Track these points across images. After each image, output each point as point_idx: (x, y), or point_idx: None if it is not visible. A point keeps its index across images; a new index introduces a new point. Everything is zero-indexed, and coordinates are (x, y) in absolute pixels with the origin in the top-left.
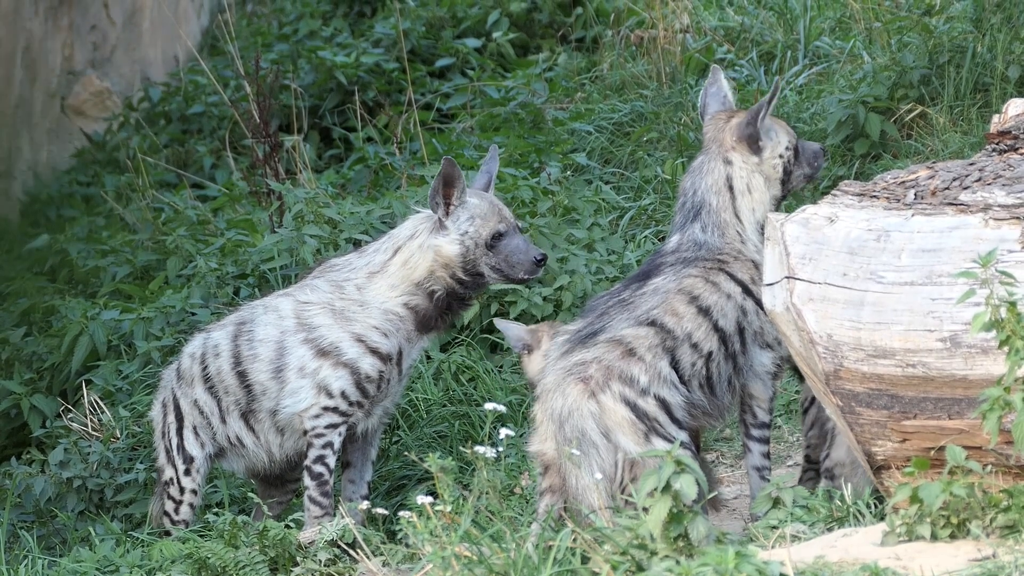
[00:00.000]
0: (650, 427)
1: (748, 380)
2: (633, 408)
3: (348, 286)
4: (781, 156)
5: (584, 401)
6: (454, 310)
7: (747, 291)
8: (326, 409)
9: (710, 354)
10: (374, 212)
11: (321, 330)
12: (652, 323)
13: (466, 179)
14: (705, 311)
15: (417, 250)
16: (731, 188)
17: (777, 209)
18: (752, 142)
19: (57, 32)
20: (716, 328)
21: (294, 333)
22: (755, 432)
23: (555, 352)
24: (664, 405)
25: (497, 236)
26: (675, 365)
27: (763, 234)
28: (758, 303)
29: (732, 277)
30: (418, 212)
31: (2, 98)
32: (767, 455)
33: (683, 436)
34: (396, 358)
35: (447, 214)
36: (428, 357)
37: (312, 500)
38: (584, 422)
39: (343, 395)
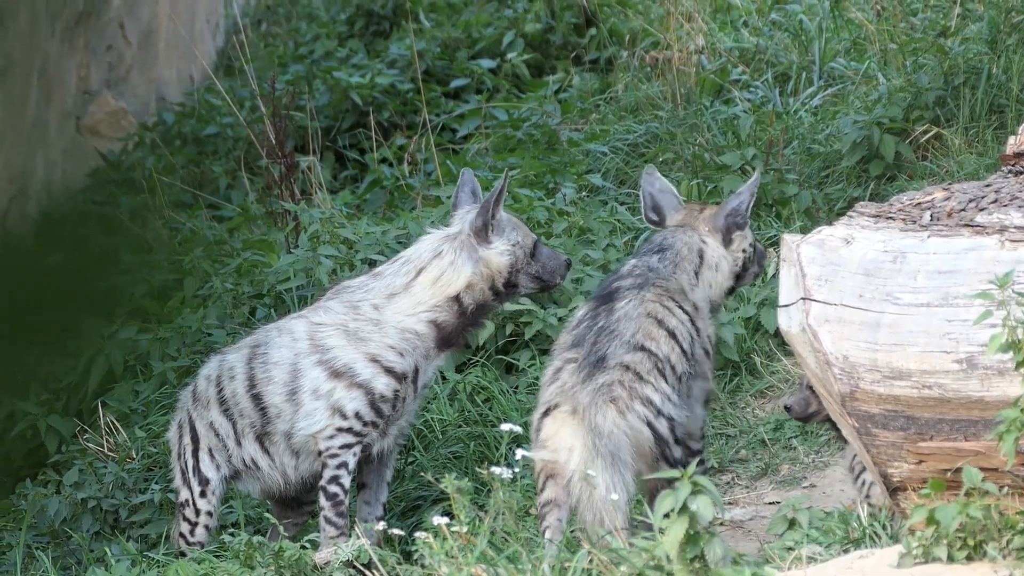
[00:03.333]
0: (661, 450)
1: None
2: (652, 430)
3: (364, 306)
4: (744, 251)
5: (620, 420)
6: (477, 324)
7: (692, 320)
8: (340, 430)
9: (681, 376)
10: (390, 232)
11: (335, 351)
12: (641, 348)
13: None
14: (672, 334)
15: (449, 268)
16: (701, 255)
17: (714, 306)
18: (728, 233)
19: (73, 52)
20: (683, 350)
21: (308, 355)
22: (687, 460)
23: (570, 378)
24: (671, 425)
25: (536, 244)
26: (668, 383)
27: (709, 309)
28: (696, 335)
29: (679, 305)
30: (430, 232)
31: (18, 117)
32: None
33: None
34: (412, 376)
35: (491, 229)
36: (443, 378)
37: (327, 520)
38: (620, 439)
39: (357, 416)
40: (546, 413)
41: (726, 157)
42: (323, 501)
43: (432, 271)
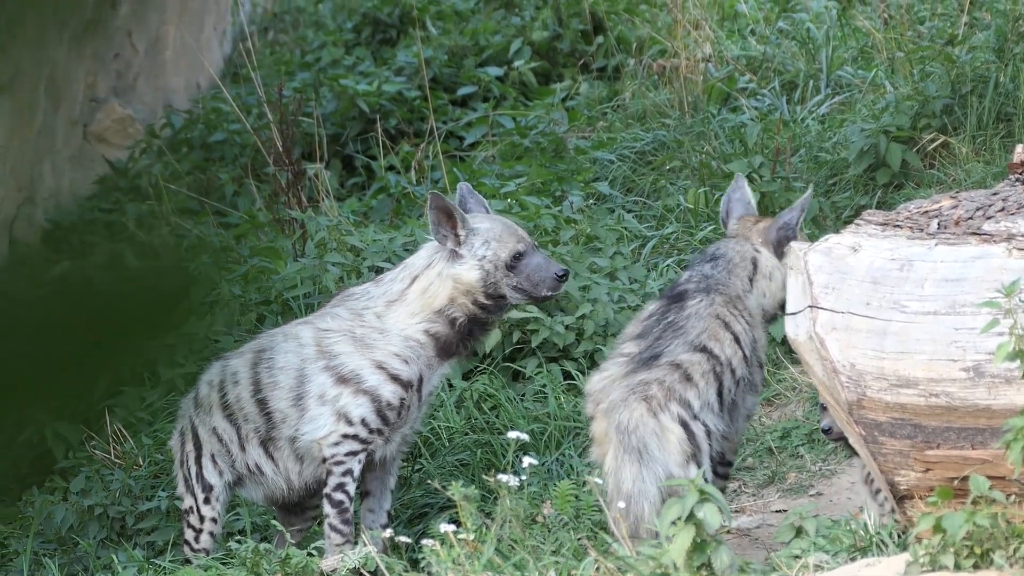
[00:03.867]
0: (694, 451)
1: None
2: (686, 428)
3: (367, 314)
4: None
5: (649, 418)
6: (475, 336)
7: (751, 328)
8: (345, 436)
9: (739, 381)
10: (396, 240)
11: (342, 357)
12: (703, 349)
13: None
14: (736, 338)
15: (436, 278)
16: (755, 264)
17: (767, 316)
18: (779, 246)
19: (80, 60)
20: (744, 355)
21: (314, 361)
22: (720, 470)
23: (616, 371)
24: (707, 433)
25: (516, 256)
26: (720, 391)
27: (761, 318)
28: (754, 344)
29: (740, 312)
30: (430, 240)
31: (25, 125)
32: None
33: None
34: (416, 384)
35: (459, 243)
36: (450, 385)
37: (332, 528)
38: (648, 437)
39: (363, 422)
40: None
41: (733, 165)
42: (328, 509)
43: (423, 280)
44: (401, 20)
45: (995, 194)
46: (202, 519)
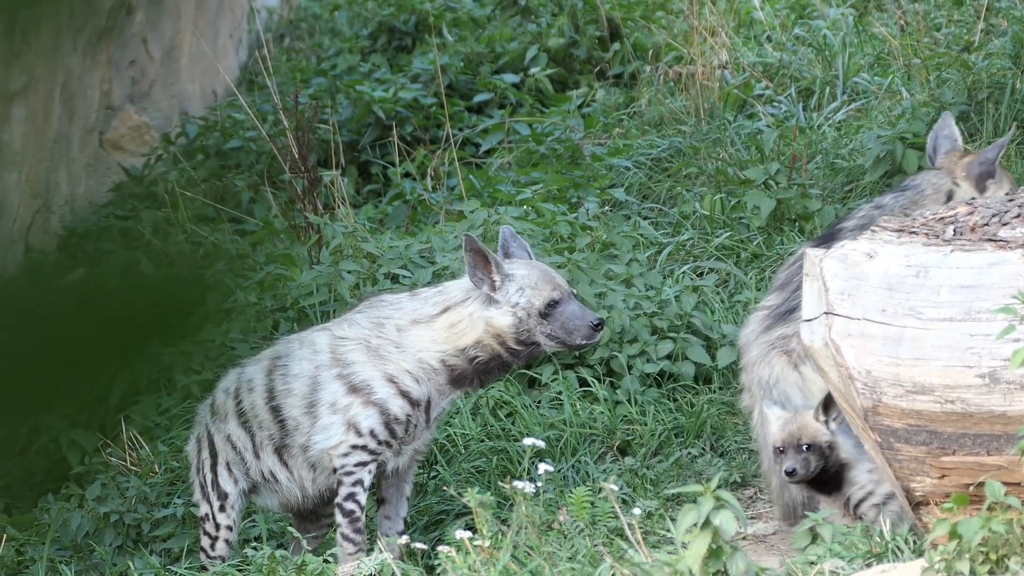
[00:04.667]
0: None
1: None
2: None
3: (388, 325)
4: None
5: (789, 371)
6: (493, 374)
7: None
8: (355, 447)
9: None
10: (413, 247)
11: (355, 367)
12: None
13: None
14: None
15: (467, 318)
16: (950, 197)
17: None
18: (980, 180)
19: (96, 67)
20: None
21: (328, 368)
22: None
23: (757, 326)
24: None
25: (551, 304)
26: None
27: None
28: None
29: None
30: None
31: (40, 133)
32: None
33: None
34: (425, 405)
35: (493, 288)
36: (466, 393)
37: (345, 537)
38: (790, 389)
39: (372, 434)
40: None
41: (750, 172)
42: (340, 518)
43: (453, 314)
44: (417, 27)
45: (1011, 200)
46: (218, 526)
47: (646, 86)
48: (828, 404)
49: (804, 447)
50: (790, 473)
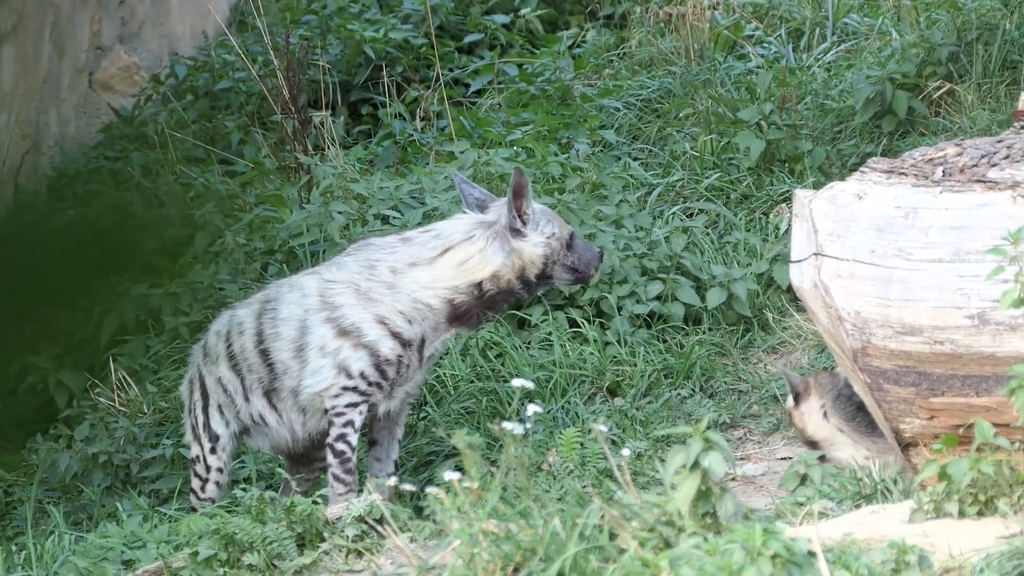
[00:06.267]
0: None
1: None
2: None
3: (381, 267)
4: None
5: None
6: (497, 308)
7: None
8: (346, 389)
9: None
10: (403, 188)
11: (344, 309)
12: None
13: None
14: None
15: (478, 254)
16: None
17: None
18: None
19: (85, 7)
20: None
21: (317, 312)
22: None
23: None
24: None
25: (572, 236)
26: None
27: None
28: None
29: None
30: (465, 214)
31: (30, 73)
32: None
33: None
34: (418, 344)
35: (524, 222)
36: (460, 333)
37: (336, 478)
38: None
39: (362, 375)
40: None
41: (743, 112)
42: (331, 458)
43: (460, 253)
44: None
45: (1000, 142)
46: (208, 468)
47: (636, 27)
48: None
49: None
50: None
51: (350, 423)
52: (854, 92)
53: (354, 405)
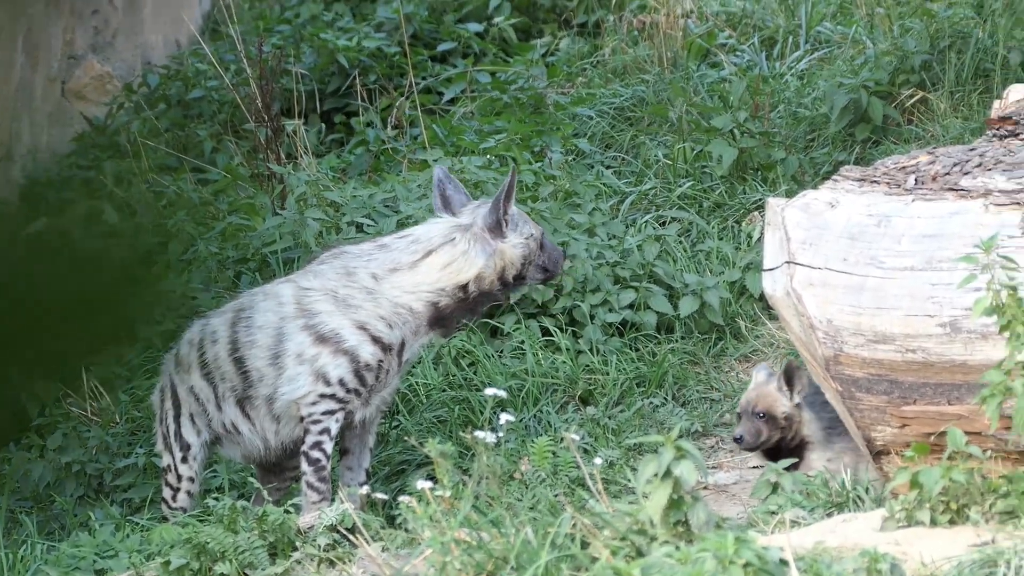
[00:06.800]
0: None
1: None
2: None
3: (361, 274)
4: None
5: None
6: (476, 310)
7: None
8: (323, 396)
9: None
10: (377, 196)
11: (322, 316)
12: None
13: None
14: None
15: (461, 256)
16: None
17: None
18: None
19: (59, 16)
20: None
21: (294, 319)
22: None
23: None
24: None
25: (543, 235)
26: None
27: None
28: None
29: None
30: (440, 218)
31: (3, 82)
32: None
33: None
34: (398, 349)
35: (506, 223)
36: (439, 335)
37: (310, 486)
38: None
39: (341, 383)
40: None
41: (717, 120)
42: (305, 466)
43: (443, 256)
44: None
45: (972, 150)
46: (180, 478)
47: (610, 35)
48: (791, 375)
49: (758, 415)
50: (737, 440)
51: (326, 431)
52: (827, 100)
53: (331, 412)
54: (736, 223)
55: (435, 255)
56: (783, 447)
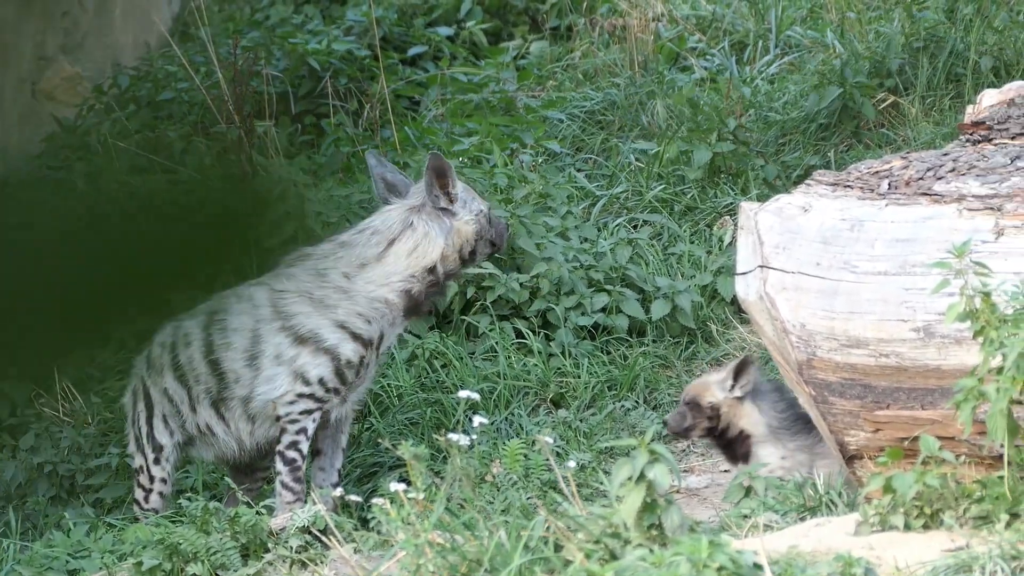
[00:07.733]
0: None
1: None
2: None
3: (333, 274)
4: None
5: None
6: (442, 292)
7: None
8: (302, 396)
9: None
10: (352, 196)
11: (299, 318)
12: None
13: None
14: None
15: (424, 238)
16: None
17: None
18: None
19: (29, 18)
20: None
21: (270, 322)
22: None
23: None
24: None
25: (490, 209)
26: None
27: None
28: None
29: None
30: (391, 204)
31: None
32: None
33: None
34: (376, 342)
35: (451, 201)
36: (403, 341)
37: (284, 486)
38: None
39: (320, 382)
40: None
41: (689, 124)
42: (280, 466)
43: (406, 242)
44: None
45: (946, 155)
46: (152, 479)
47: (581, 38)
48: (741, 370)
49: (687, 402)
50: (664, 424)
51: (303, 430)
52: (805, 100)
53: (308, 412)
54: (708, 227)
55: (398, 243)
56: (725, 441)
